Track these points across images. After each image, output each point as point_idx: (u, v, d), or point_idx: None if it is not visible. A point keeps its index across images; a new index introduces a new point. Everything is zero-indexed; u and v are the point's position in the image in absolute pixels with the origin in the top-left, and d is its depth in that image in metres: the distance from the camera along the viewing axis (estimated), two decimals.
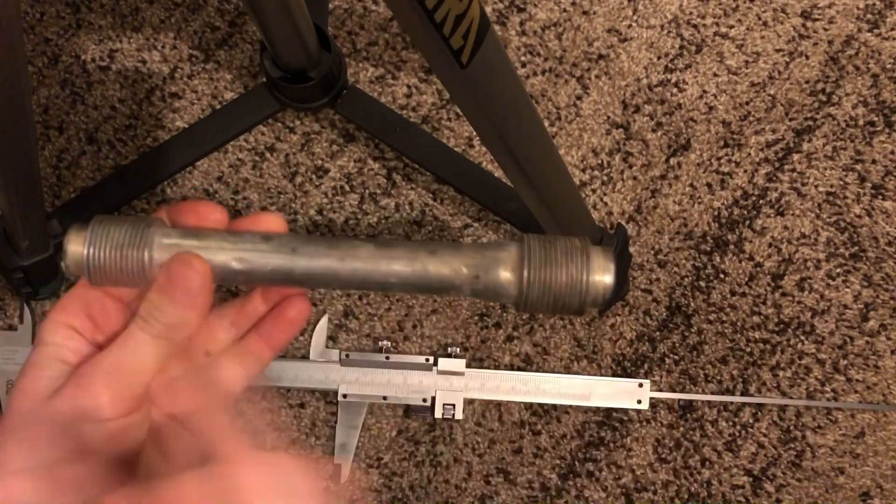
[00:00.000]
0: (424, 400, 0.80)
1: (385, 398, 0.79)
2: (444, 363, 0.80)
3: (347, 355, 0.80)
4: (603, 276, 0.34)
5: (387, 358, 0.80)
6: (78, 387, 0.33)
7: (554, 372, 0.82)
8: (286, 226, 0.37)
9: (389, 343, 0.81)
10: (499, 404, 0.82)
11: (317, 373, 0.80)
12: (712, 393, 0.82)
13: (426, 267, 0.34)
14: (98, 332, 0.35)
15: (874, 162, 0.86)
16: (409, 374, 0.80)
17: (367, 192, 0.85)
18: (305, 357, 0.81)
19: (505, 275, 0.34)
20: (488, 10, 0.88)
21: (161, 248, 0.34)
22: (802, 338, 0.83)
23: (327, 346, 0.81)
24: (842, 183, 0.86)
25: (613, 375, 0.82)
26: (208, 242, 0.34)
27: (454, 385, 0.80)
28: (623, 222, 0.84)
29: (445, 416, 0.79)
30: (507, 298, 0.35)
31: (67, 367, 0.34)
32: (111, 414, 0.32)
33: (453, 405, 0.79)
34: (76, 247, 0.34)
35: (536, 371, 0.82)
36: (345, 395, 0.79)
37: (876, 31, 0.88)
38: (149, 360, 0.34)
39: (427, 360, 0.80)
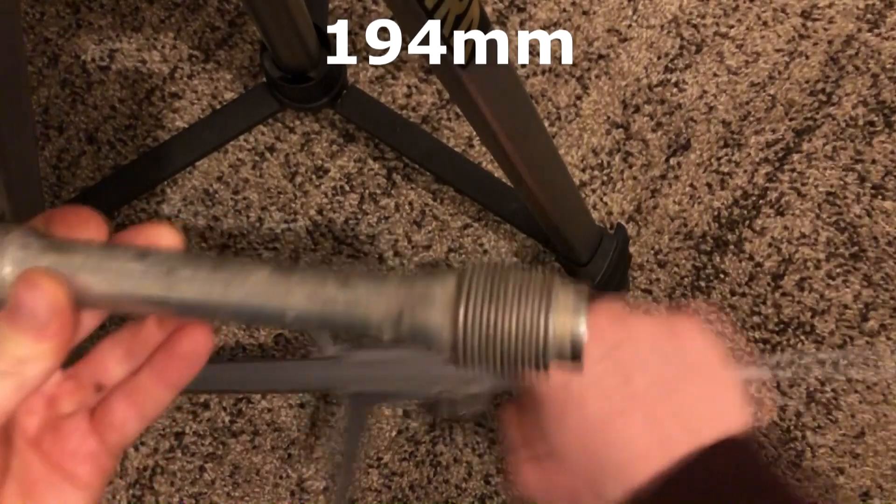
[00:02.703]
0: None
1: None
2: None
3: (347, 355, 0.80)
4: (572, 319, 0.26)
5: None
6: None
7: None
8: (180, 239, 0.30)
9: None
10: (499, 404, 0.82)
11: (317, 373, 0.80)
12: None
13: (335, 301, 0.27)
14: None
15: (874, 162, 0.86)
16: None
17: (367, 192, 0.85)
18: (306, 357, 0.81)
19: (434, 315, 0.26)
20: (488, 10, 0.88)
21: (15, 262, 0.27)
22: (802, 338, 0.83)
23: (327, 346, 0.81)
24: (842, 183, 0.86)
25: None
26: (71, 259, 0.27)
27: None
28: (623, 222, 0.84)
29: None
30: (439, 345, 0.27)
31: None
32: None
33: None
34: None
35: None
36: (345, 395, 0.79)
37: (876, 31, 0.88)
38: None
39: None
